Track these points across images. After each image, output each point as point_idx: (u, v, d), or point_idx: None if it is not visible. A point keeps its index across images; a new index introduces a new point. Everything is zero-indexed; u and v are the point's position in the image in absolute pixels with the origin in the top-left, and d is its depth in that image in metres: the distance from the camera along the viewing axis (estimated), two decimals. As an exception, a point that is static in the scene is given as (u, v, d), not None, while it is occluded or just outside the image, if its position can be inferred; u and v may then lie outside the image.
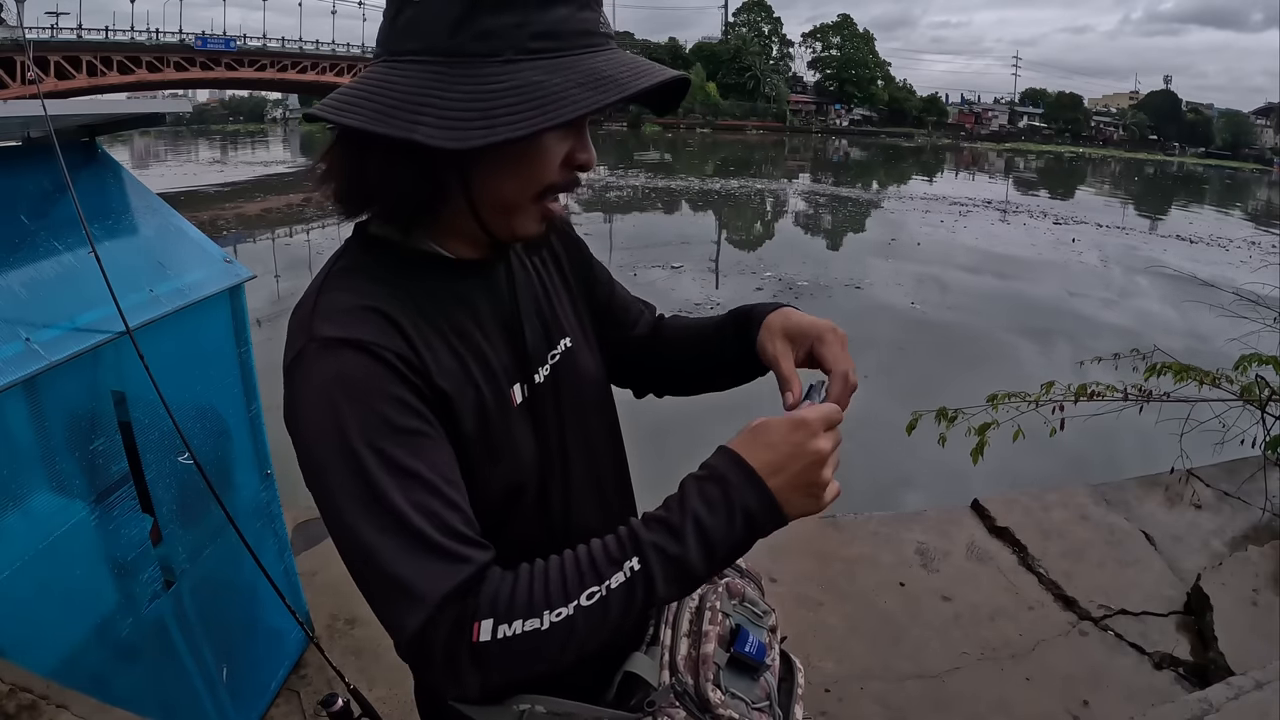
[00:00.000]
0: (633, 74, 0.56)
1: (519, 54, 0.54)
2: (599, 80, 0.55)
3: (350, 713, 0.95)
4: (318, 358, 0.55)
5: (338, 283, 0.61)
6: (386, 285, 0.60)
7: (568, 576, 0.55)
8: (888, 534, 2.52)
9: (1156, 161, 55.99)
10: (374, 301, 0.58)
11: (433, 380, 0.59)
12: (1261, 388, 2.73)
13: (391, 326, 0.57)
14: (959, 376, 5.18)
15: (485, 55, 0.54)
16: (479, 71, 0.54)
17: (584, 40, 0.56)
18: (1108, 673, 1.96)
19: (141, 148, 34.95)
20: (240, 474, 1.58)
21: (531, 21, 0.54)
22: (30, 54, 1.78)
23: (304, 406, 0.56)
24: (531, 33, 0.54)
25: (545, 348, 0.73)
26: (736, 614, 0.76)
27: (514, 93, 0.53)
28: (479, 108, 0.53)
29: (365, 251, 0.64)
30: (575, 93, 0.54)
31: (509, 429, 0.66)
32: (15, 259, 1.15)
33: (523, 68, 0.54)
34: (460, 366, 0.62)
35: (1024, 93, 77.38)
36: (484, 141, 0.52)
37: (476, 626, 0.52)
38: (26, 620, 1.08)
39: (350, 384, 0.55)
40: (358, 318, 0.57)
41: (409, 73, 0.55)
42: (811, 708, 1.81)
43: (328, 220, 13.91)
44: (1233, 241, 13.90)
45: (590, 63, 0.56)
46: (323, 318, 0.57)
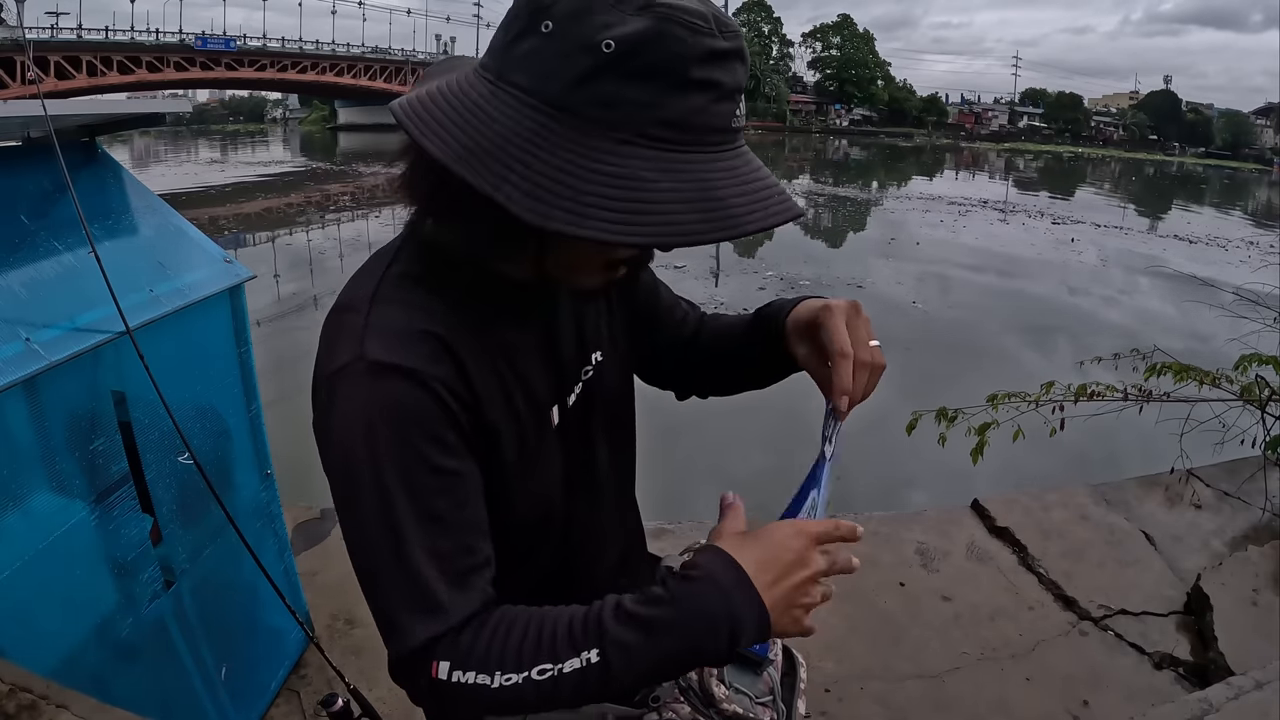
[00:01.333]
0: (747, 201, 0.50)
1: (637, 137, 0.48)
2: (709, 205, 0.48)
3: (350, 713, 0.95)
4: (366, 379, 0.53)
5: (393, 294, 0.58)
6: (442, 302, 0.58)
7: (526, 645, 0.53)
8: (888, 534, 2.52)
9: (1156, 161, 55.96)
10: (429, 324, 0.56)
11: (481, 413, 0.58)
12: (1261, 388, 2.72)
13: (445, 354, 0.56)
14: (960, 376, 5.18)
15: (599, 125, 0.47)
16: (586, 141, 0.47)
17: (710, 138, 0.50)
18: (1108, 673, 1.96)
19: (141, 148, 34.95)
20: (240, 474, 1.58)
21: (662, 105, 0.47)
22: (30, 54, 1.79)
23: (343, 425, 0.54)
24: (659, 117, 0.47)
25: (580, 364, 0.71)
26: None
27: (615, 184, 0.47)
28: (573, 186, 0.47)
29: (420, 258, 0.61)
30: (677, 213, 0.48)
31: (543, 452, 0.65)
32: (15, 259, 1.15)
33: (634, 155, 0.47)
34: (505, 396, 0.61)
35: (1024, 93, 77.37)
36: (566, 230, 0.47)
37: (435, 664, 0.54)
38: (26, 620, 1.08)
39: (395, 415, 0.53)
40: (412, 343, 0.55)
41: (511, 111, 0.49)
42: (811, 707, 1.81)
43: (328, 220, 13.94)
44: (1231, 241, 13.90)
45: (706, 173, 0.49)
46: (375, 336, 0.54)
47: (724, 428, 4.20)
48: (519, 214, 0.47)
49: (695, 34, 0.47)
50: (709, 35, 0.48)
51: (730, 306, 7.41)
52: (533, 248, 0.56)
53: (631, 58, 0.46)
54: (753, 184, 0.51)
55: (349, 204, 16.20)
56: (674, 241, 0.48)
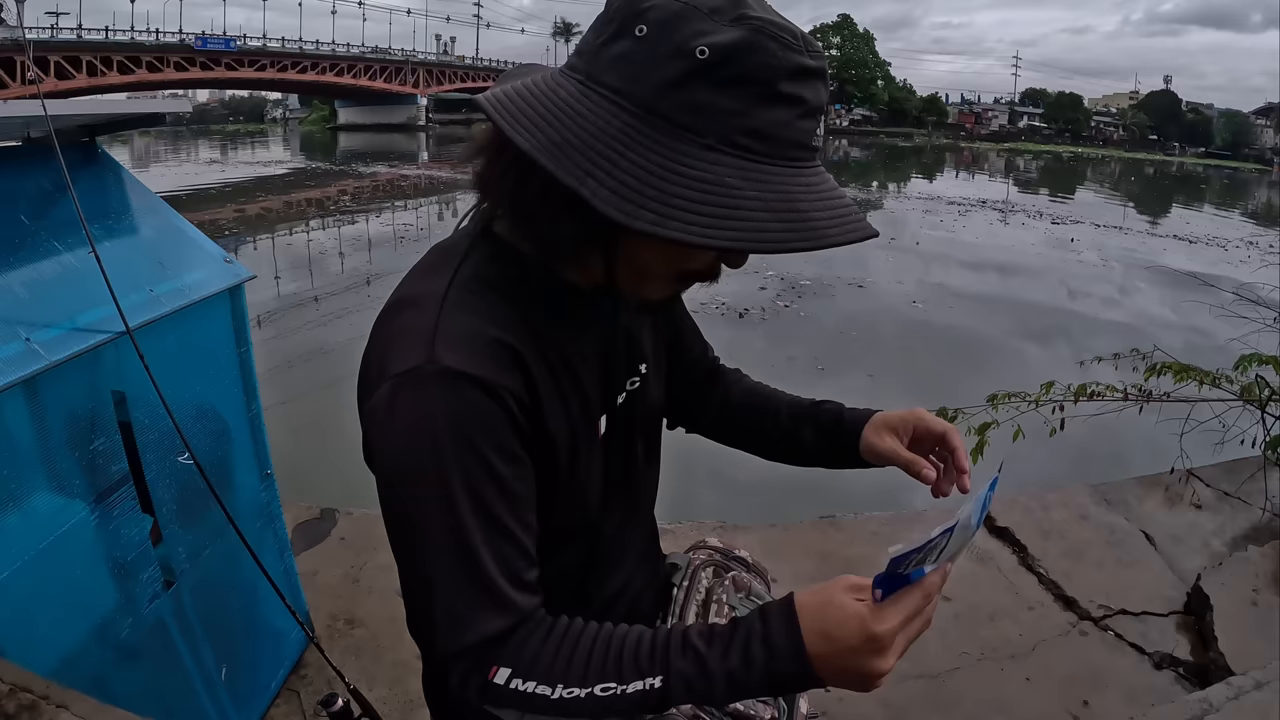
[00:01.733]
0: (828, 216, 0.51)
1: (723, 145, 0.48)
2: (792, 216, 0.49)
3: (350, 713, 0.95)
4: (437, 384, 0.53)
5: (464, 298, 0.57)
6: (511, 309, 0.58)
7: (593, 663, 0.55)
8: (888, 534, 2.52)
9: (1156, 161, 55.98)
10: (501, 332, 0.56)
11: (542, 422, 0.59)
12: (1261, 388, 2.72)
13: (514, 364, 0.56)
14: (961, 375, 5.18)
15: (687, 130, 0.48)
16: (673, 144, 0.48)
17: (793, 152, 0.51)
18: (1108, 673, 1.96)
19: (141, 148, 34.94)
20: (240, 474, 1.58)
21: (749, 115, 0.48)
22: (30, 54, 1.78)
23: (409, 427, 0.54)
24: (745, 127, 0.48)
25: (627, 375, 0.72)
26: (743, 606, 0.78)
27: (701, 188, 0.48)
28: (659, 188, 0.47)
29: (492, 259, 0.61)
30: (762, 220, 0.48)
31: (589, 460, 0.66)
32: (15, 259, 1.15)
33: (720, 161, 0.48)
34: (564, 406, 0.62)
35: (1024, 93, 77.43)
36: (651, 229, 0.47)
37: (495, 669, 0.55)
38: (26, 620, 1.08)
39: (465, 423, 0.53)
40: (484, 351, 0.55)
41: (600, 110, 0.49)
42: (812, 707, 1.80)
43: (328, 221, 13.94)
44: (1230, 241, 13.91)
45: (789, 185, 0.50)
46: (447, 341, 0.54)
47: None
48: (604, 209, 0.47)
49: (786, 49, 0.49)
50: (799, 52, 0.49)
51: (732, 306, 7.43)
52: (607, 252, 0.57)
53: (724, 66, 0.47)
54: (832, 200, 0.52)
55: (349, 204, 16.20)
56: (756, 247, 0.49)
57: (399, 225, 13.19)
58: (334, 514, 2.45)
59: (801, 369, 5.76)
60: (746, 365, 0.88)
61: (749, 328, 6.92)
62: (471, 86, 62.75)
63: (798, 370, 5.73)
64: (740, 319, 7.12)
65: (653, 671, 0.54)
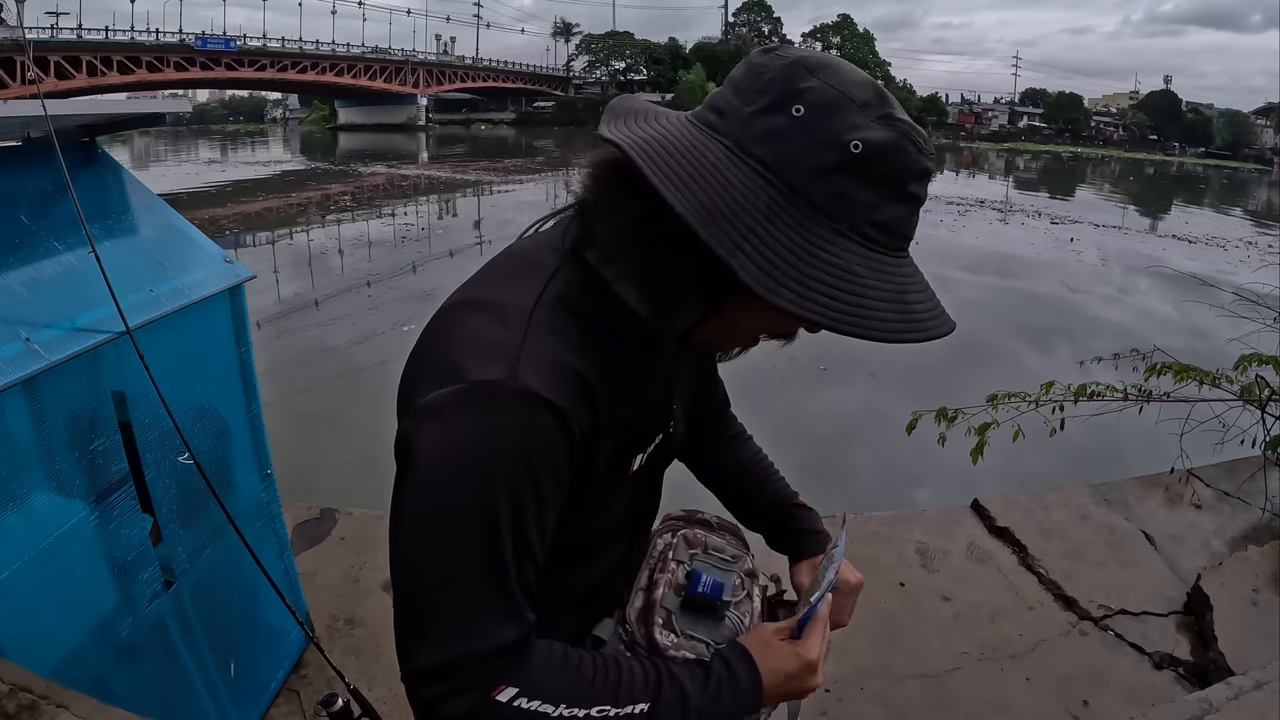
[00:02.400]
0: (927, 310, 0.55)
1: (854, 233, 0.52)
2: (904, 308, 0.53)
3: (350, 712, 0.95)
4: (516, 404, 0.53)
5: (552, 319, 0.57)
6: (590, 340, 0.59)
7: (595, 685, 0.60)
8: (888, 534, 2.52)
9: (1156, 161, 56.00)
10: (579, 362, 0.57)
11: (595, 457, 0.60)
12: (1261, 388, 2.72)
13: (585, 396, 0.57)
14: (962, 375, 5.17)
15: (825, 215, 0.51)
16: (813, 227, 0.51)
17: (900, 244, 0.55)
18: (1108, 673, 1.96)
19: (141, 148, 34.95)
20: (240, 474, 1.58)
21: (879, 208, 0.52)
22: (30, 54, 1.79)
23: (477, 435, 0.54)
24: (873, 219, 0.52)
25: (667, 416, 0.74)
26: (694, 562, 0.78)
27: (834, 273, 0.51)
28: (799, 269, 0.50)
29: (580, 285, 0.61)
30: (882, 310, 0.52)
31: (619, 494, 0.69)
32: (15, 259, 1.15)
33: (849, 249, 0.52)
34: (614, 442, 0.63)
35: (1024, 93, 77.36)
36: (792, 310, 0.50)
37: (501, 688, 0.56)
38: (26, 620, 1.08)
39: (531, 445, 0.54)
40: (565, 380, 0.56)
41: (750, 183, 0.51)
42: (811, 707, 1.81)
43: (328, 220, 13.94)
44: (1230, 241, 13.91)
45: (899, 275, 0.54)
46: (532, 362, 0.54)
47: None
48: (750, 283, 0.50)
49: (920, 153, 0.53)
50: (927, 156, 0.54)
51: (731, 306, 7.40)
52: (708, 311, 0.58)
53: (872, 163, 0.51)
54: (926, 293, 0.56)
55: (349, 204, 16.21)
56: (878, 337, 0.52)
57: (399, 225, 13.19)
58: (334, 514, 2.45)
59: (803, 369, 5.76)
60: (748, 365, 0.88)
61: (749, 328, 6.90)
62: (471, 87, 62.78)
63: (800, 370, 5.73)
64: (740, 319, 7.12)
65: (645, 698, 0.60)
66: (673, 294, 0.57)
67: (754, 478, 0.93)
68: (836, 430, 4.71)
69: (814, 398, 5.31)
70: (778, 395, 5.26)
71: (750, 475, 0.93)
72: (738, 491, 0.93)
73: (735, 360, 0.84)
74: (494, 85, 63.86)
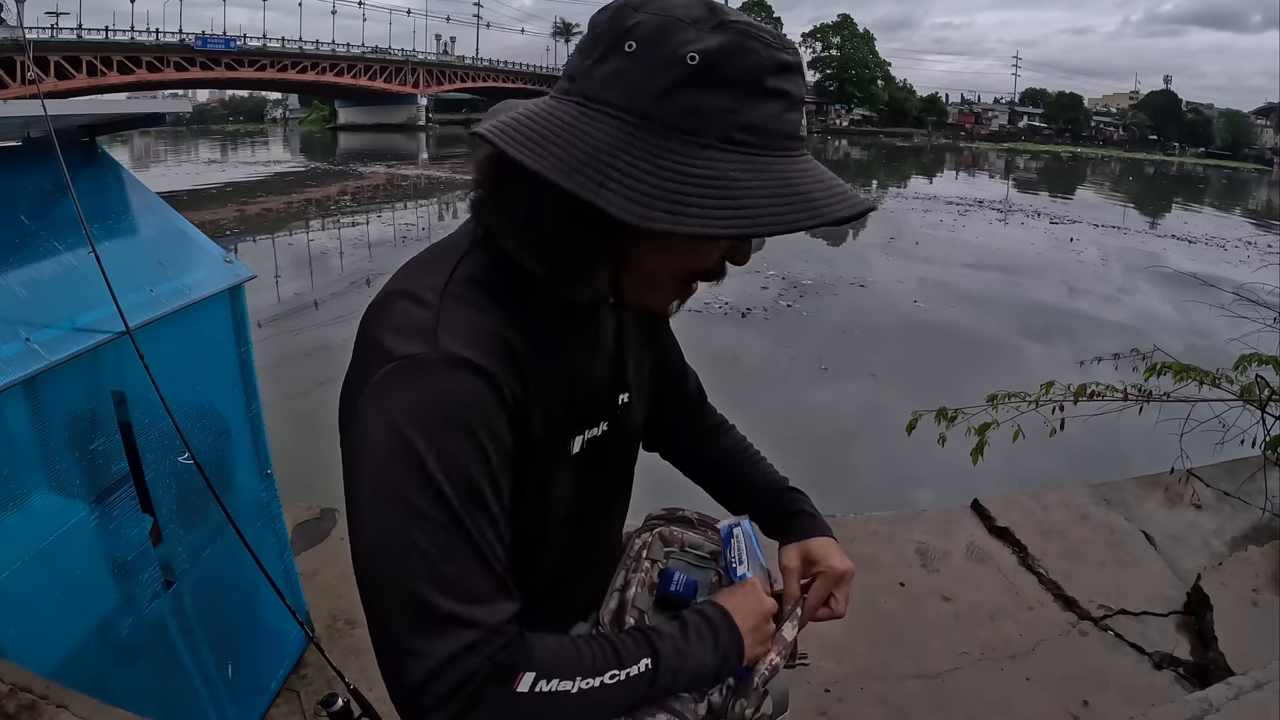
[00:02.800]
0: (828, 195, 0.53)
1: (721, 141, 0.51)
2: (796, 197, 0.52)
3: (350, 713, 0.95)
4: (439, 371, 0.54)
5: (464, 293, 0.59)
6: (508, 312, 0.59)
7: (596, 654, 0.60)
8: (888, 534, 2.52)
9: (1156, 161, 55.97)
10: (500, 328, 0.58)
11: (529, 424, 0.60)
12: (1261, 388, 2.72)
13: (511, 360, 0.58)
14: (963, 374, 5.18)
15: (685, 132, 0.51)
16: (676, 148, 0.51)
17: (785, 143, 0.54)
18: (1108, 673, 1.96)
19: (141, 148, 34.94)
20: (240, 474, 1.58)
21: (741, 111, 0.51)
22: (30, 54, 1.78)
23: (406, 413, 0.54)
24: (739, 122, 0.51)
25: (611, 403, 0.74)
26: (670, 560, 0.79)
27: (709, 185, 0.50)
28: (670, 189, 0.50)
29: (492, 266, 0.61)
30: (770, 205, 0.51)
31: (561, 477, 0.67)
32: (15, 259, 1.15)
33: (721, 159, 0.51)
34: (547, 415, 0.63)
35: (1024, 93, 77.43)
36: (668, 228, 0.50)
37: (521, 676, 0.55)
38: (26, 620, 1.08)
39: (465, 407, 0.55)
40: (485, 342, 0.56)
41: (602, 126, 0.52)
42: (811, 707, 1.81)
43: (327, 221, 13.94)
44: (1229, 241, 13.91)
45: (787, 171, 0.53)
46: (449, 330, 0.56)
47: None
48: (621, 216, 0.50)
49: (768, 48, 0.52)
50: (779, 50, 0.53)
51: (735, 306, 7.43)
52: (616, 264, 0.59)
53: (714, 69, 0.51)
54: (827, 181, 0.55)
55: (349, 204, 16.21)
56: (768, 231, 0.51)
57: (400, 225, 13.19)
58: (334, 514, 2.45)
59: (805, 369, 5.76)
60: (751, 365, 0.89)
61: (752, 327, 6.93)
62: (471, 87, 62.78)
63: (801, 370, 5.73)
64: (743, 319, 7.14)
65: (645, 654, 0.62)
66: (571, 256, 0.58)
67: (739, 465, 0.92)
68: (837, 430, 4.71)
69: (815, 397, 5.31)
70: (779, 394, 5.27)
71: (735, 463, 0.92)
72: (724, 480, 0.92)
73: (736, 359, 0.84)
74: (494, 85, 63.82)
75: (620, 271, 0.59)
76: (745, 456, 0.92)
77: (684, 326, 0.78)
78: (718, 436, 0.94)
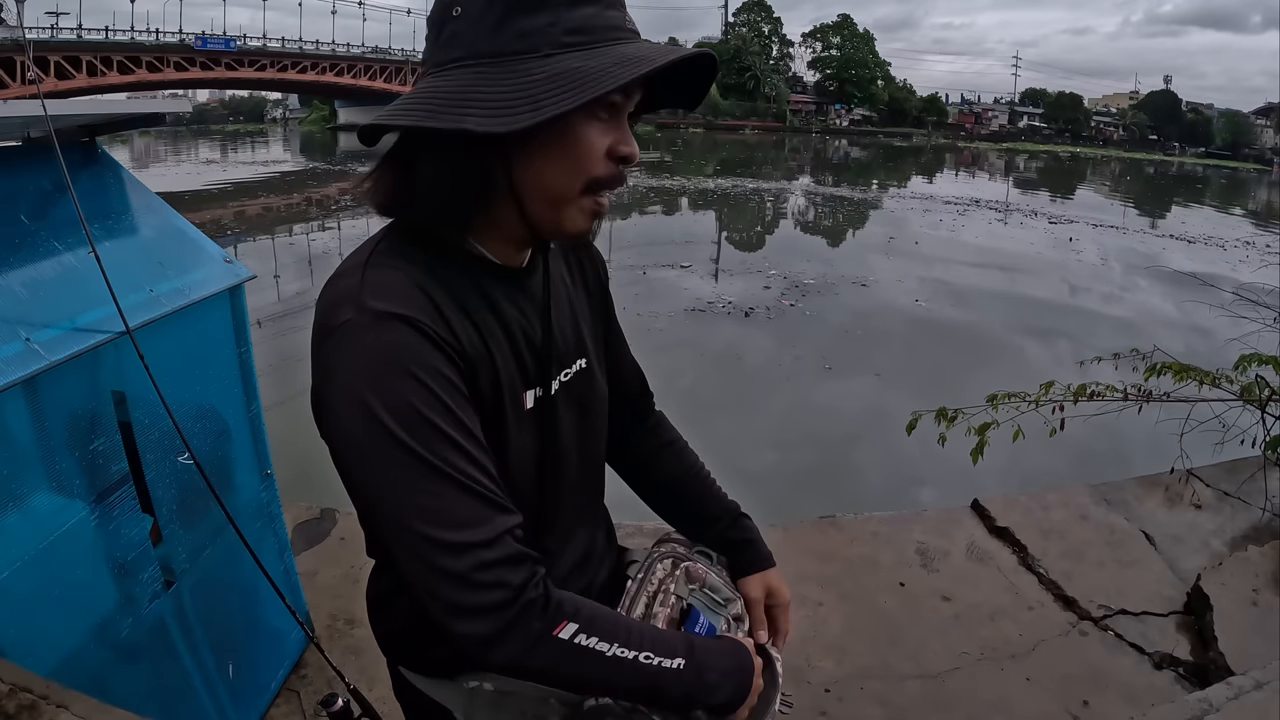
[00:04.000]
0: (662, 53, 0.60)
1: (555, 48, 0.58)
2: (632, 59, 0.59)
3: (350, 713, 0.95)
4: (369, 329, 0.58)
5: (384, 261, 0.62)
6: (427, 272, 0.63)
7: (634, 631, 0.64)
8: (888, 534, 2.52)
9: (1156, 161, 55.96)
10: (420, 281, 0.61)
11: (472, 368, 0.63)
12: (1261, 388, 2.72)
13: (435, 310, 0.61)
14: (966, 373, 5.19)
15: (524, 52, 0.58)
16: (520, 67, 0.58)
17: (613, 34, 0.61)
18: (1108, 673, 1.96)
19: (141, 148, 34.93)
20: (240, 474, 1.58)
21: (562, 20, 0.58)
22: (30, 54, 1.78)
23: (352, 374, 0.58)
24: (564, 29, 0.58)
25: (563, 363, 0.75)
26: (692, 598, 0.79)
27: (555, 79, 0.57)
28: (525, 94, 0.57)
29: (408, 240, 0.65)
30: (612, 69, 0.58)
31: (518, 429, 0.68)
32: (15, 259, 1.15)
33: (559, 59, 0.58)
34: (491, 364, 0.65)
35: (1024, 93, 77.38)
36: (532, 121, 0.56)
37: (564, 624, 0.59)
38: (26, 620, 1.08)
39: (402, 355, 0.58)
40: (407, 295, 0.60)
41: (455, 76, 0.60)
42: (812, 707, 1.81)
43: (328, 220, 13.93)
44: (1229, 241, 13.92)
45: (623, 49, 0.60)
46: (372, 292, 0.59)
47: (708, 430, 4.20)
48: (488, 128, 0.56)
49: None
50: None
51: (738, 305, 7.43)
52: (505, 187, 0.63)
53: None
54: (664, 47, 0.62)
55: (349, 204, 16.19)
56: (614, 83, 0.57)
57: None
58: (334, 514, 2.45)
59: (809, 368, 5.77)
60: (755, 365, 0.88)
61: (755, 326, 6.93)
62: (471, 86, 62.62)
63: (805, 370, 5.74)
64: (746, 318, 7.14)
65: (681, 654, 0.65)
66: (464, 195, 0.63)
67: (693, 486, 0.91)
68: (843, 430, 4.71)
69: (820, 396, 5.31)
70: (785, 393, 5.27)
71: (689, 484, 0.92)
72: (677, 499, 0.92)
73: (740, 359, 0.84)
74: (494, 85, 63.65)
75: (523, 198, 0.63)
76: (699, 479, 0.92)
77: (687, 326, 0.78)
78: (672, 455, 0.93)
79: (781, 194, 20.23)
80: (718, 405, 4.80)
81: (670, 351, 5.80)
